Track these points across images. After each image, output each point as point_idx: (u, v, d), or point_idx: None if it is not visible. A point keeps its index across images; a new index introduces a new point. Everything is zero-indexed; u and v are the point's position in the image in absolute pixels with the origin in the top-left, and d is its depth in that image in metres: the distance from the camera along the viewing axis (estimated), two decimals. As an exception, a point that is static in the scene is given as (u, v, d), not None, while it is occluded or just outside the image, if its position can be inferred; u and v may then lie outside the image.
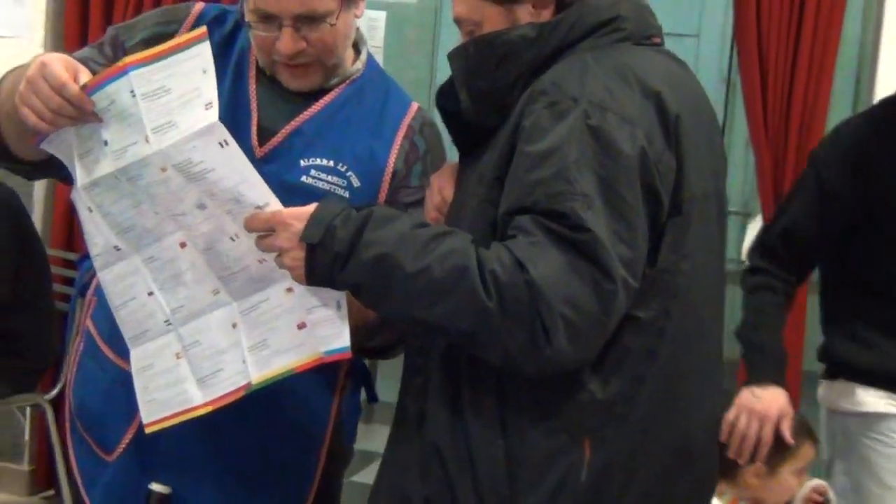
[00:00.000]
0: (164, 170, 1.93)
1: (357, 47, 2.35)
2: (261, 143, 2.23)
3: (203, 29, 1.96)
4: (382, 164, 2.28)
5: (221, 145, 1.91)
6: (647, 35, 1.98)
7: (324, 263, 1.84)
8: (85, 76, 1.96)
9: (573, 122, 1.77)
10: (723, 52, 6.43)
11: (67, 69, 1.95)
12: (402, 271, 1.77)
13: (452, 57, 1.97)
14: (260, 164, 2.08)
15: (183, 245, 2.03)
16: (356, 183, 2.25)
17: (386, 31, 4.48)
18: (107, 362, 2.26)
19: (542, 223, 1.73)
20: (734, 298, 5.28)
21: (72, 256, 4.39)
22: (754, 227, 4.01)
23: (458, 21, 1.98)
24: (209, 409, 2.08)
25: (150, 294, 2.08)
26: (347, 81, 2.31)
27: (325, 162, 2.24)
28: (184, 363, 2.09)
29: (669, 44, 2.06)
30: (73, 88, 1.93)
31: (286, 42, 2.14)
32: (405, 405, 1.98)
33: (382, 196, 2.28)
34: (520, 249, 1.72)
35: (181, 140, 1.91)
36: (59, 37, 4.41)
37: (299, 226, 1.87)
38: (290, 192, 2.10)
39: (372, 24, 4.33)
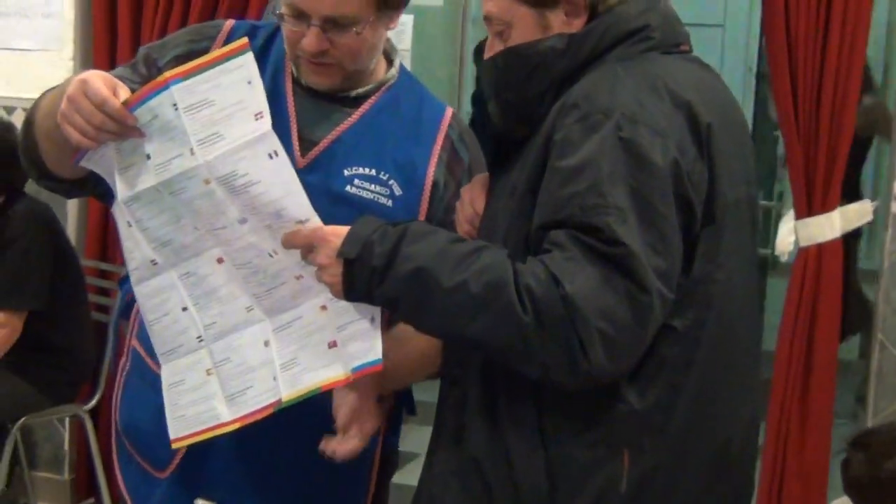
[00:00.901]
0: (207, 182, 1.94)
1: (388, 56, 2.36)
2: (302, 154, 2.25)
3: (244, 40, 1.96)
4: (423, 171, 2.30)
5: (271, 156, 1.92)
6: (676, 43, 1.98)
7: (362, 278, 1.85)
8: (124, 92, 1.97)
9: (605, 135, 1.77)
10: (749, 42, 6.39)
11: (107, 85, 1.96)
12: (438, 286, 1.78)
13: (482, 69, 1.98)
14: (303, 174, 2.09)
15: (220, 261, 2.04)
16: (398, 191, 2.27)
17: (413, 34, 4.48)
18: (157, 380, 2.27)
19: (576, 237, 1.74)
20: (768, 289, 5.31)
21: (106, 267, 4.41)
22: (786, 221, 3.98)
23: (487, 19, 1.97)
24: (237, 426, 2.09)
25: (185, 309, 2.10)
26: (383, 89, 2.33)
27: (367, 171, 2.27)
28: (213, 380, 2.10)
29: (694, 34, 2.05)
30: (115, 104, 1.94)
31: (311, 40, 2.16)
32: (444, 418, 1.99)
33: (424, 204, 2.30)
34: (555, 264, 1.73)
35: (230, 150, 1.92)
36: (88, 50, 4.41)
37: (337, 242, 1.89)
38: (335, 202, 2.16)
39: (398, 28, 4.30)
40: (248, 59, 1.94)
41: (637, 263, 1.72)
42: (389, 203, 2.26)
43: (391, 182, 2.27)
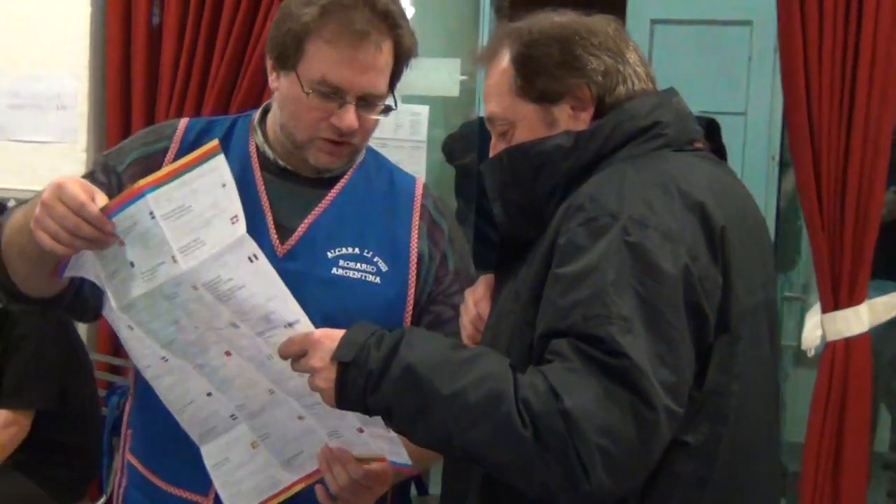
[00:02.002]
0: (195, 288, 1.89)
1: None
2: (281, 241, 2.19)
3: (215, 142, 1.91)
4: (405, 244, 2.26)
5: (251, 260, 1.87)
6: (689, 140, 1.90)
7: (356, 384, 1.78)
8: (101, 199, 1.89)
9: (611, 239, 1.69)
10: (771, 131, 6.32)
11: (85, 191, 1.88)
12: (435, 393, 1.69)
13: (485, 169, 1.91)
14: (285, 262, 2.08)
15: (228, 354, 1.99)
16: (384, 267, 2.23)
17: (429, 125, 4.45)
18: (156, 491, 2.22)
19: (578, 348, 1.64)
20: (795, 380, 5.22)
21: (117, 361, 4.34)
22: (812, 315, 3.87)
23: (490, 120, 1.93)
24: (303, 485, 2.08)
25: (209, 395, 2.05)
26: (355, 166, 2.31)
27: (350, 250, 2.23)
28: (262, 451, 2.08)
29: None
30: (92, 209, 1.85)
31: (350, 119, 2.13)
32: None
33: (412, 277, 2.25)
34: (555, 376, 1.63)
35: (210, 257, 1.86)
36: (102, 141, 4.39)
37: (331, 345, 1.82)
38: (323, 287, 2.13)
39: (414, 119, 4.30)
40: (221, 161, 1.89)
41: (641, 377, 1.62)
42: (377, 280, 2.22)
43: (376, 259, 2.23)
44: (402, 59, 2.18)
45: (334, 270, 2.20)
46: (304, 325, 1.90)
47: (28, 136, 4.45)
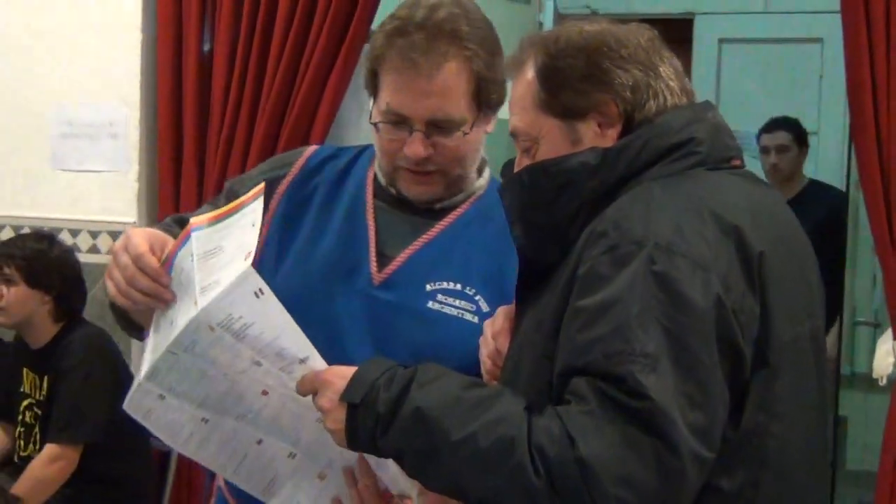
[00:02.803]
0: (212, 329, 1.81)
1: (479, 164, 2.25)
2: (379, 269, 2.14)
3: (261, 186, 1.91)
4: (511, 283, 2.09)
5: (257, 295, 1.78)
6: (727, 158, 1.76)
7: (365, 427, 1.69)
8: (161, 248, 1.93)
9: (636, 269, 1.56)
10: (845, 149, 6.18)
11: (149, 240, 1.92)
12: (446, 437, 1.59)
13: (504, 189, 1.81)
14: (379, 291, 2.06)
15: (265, 393, 1.90)
16: (485, 307, 2.13)
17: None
18: None
19: (597, 388, 1.52)
20: (866, 408, 5.08)
21: (170, 395, 4.28)
22: (883, 342, 3.74)
23: (514, 135, 1.81)
24: None
25: (260, 442, 1.96)
26: (472, 199, 2.22)
27: (452, 285, 2.14)
28: (331, 479, 1.98)
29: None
30: (149, 259, 1.89)
31: (416, 147, 2.08)
32: None
33: None
34: (571, 419, 1.51)
35: (219, 295, 1.79)
36: (153, 170, 4.35)
37: (341, 385, 1.73)
38: (414, 320, 2.08)
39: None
40: (258, 204, 1.88)
41: (665, 420, 1.49)
42: (476, 320, 2.10)
43: (478, 297, 2.14)
44: (478, 79, 2.09)
45: (430, 304, 2.12)
46: (315, 361, 1.83)
47: (80, 166, 4.42)
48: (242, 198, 1.91)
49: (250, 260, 1.79)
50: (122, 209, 4.35)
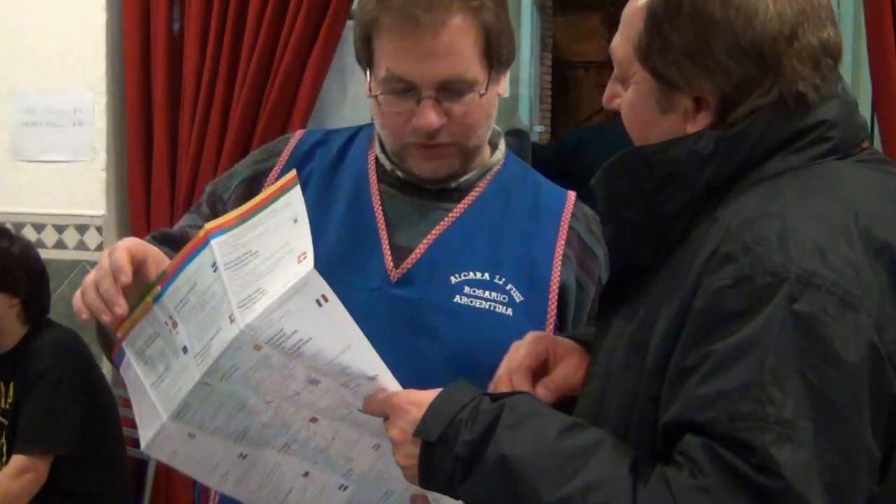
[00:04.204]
0: (258, 348, 1.57)
1: (491, 138, 2.08)
2: (395, 265, 1.98)
3: (293, 173, 1.70)
4: (546, 272, 1.99)
5: (319, 303, 1.56)
6: (857, 141, 1.48)
7: (441, 469, 1.47)
8: (154, 263, 1.73)
9: (773, 310, 1.29)
10: None
11: (137, 253, 1.73)
12: (537, 498, 1.35)
13: (598, 184, 1.53)
14: (398, 288, 1.93)
15: (314, 420, 1.70)
16: (518, 297, 1.97)
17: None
18: None
19: (717, 454, 1.27)
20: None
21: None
22: None
23: (611, 51, 1.54)
24: None
25: (307, 475, 1.77)
26: (489, 175, 2.06)
27: (479, 275, 1.97)
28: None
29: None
30: (124, 279, 1.68)
31: (427, 115, 1.91)
32: None
33: (552, 312, 1.98)
34: (682, 494, 1.27)
35: (271, 306, 1.55)
36: (122, 159, 4.20)
37: (416, 415, 1.51)
38: (442, 318, 1.93)
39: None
40: (296, 193, 1.66)
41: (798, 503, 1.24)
42: (509, 312, 1.95)
43: (509, 287, 1.97)
44: (488, 33, 1.92)
45: (457, 298, 1.95)
46: (386, 380, 1.62)
47: (43, 156, 4.29)
48: (268, 191, 1.70)
49: (309, 262, 1.55)
50: (90, 201, 4.22)
